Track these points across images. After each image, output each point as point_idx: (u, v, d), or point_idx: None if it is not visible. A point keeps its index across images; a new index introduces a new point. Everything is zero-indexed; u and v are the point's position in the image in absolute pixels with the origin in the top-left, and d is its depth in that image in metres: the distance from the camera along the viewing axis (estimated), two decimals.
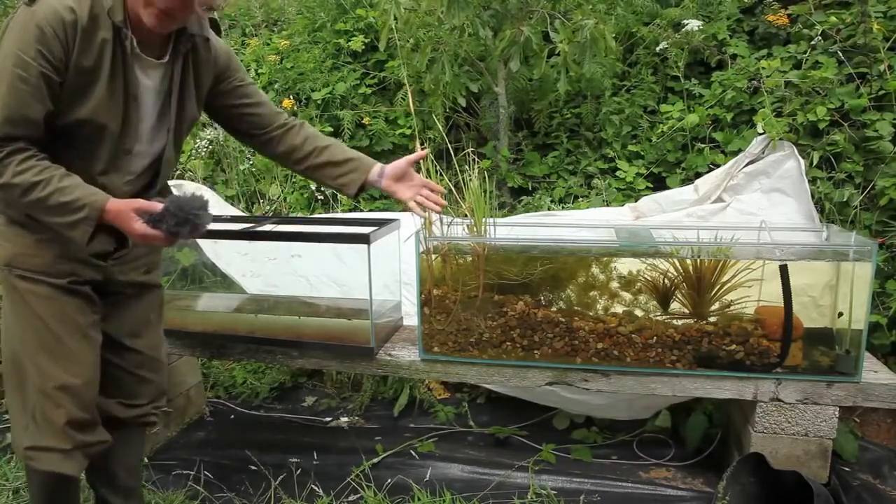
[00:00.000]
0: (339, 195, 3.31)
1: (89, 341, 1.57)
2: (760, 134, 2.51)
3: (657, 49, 3.20)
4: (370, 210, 3.32)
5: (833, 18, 2.79)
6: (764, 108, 2.62)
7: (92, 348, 1.57)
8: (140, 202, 1.43)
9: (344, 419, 2.64)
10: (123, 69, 1.43)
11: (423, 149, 1.90)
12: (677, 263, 1.88)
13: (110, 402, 1.69)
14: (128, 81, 1.44)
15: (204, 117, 1.81)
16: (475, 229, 2.00)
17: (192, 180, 3.29)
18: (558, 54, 2.86)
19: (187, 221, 1.41)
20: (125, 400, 1.72)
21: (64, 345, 1.52)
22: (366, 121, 3.50)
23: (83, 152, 1.46)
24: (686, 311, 1.92)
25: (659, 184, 3.05)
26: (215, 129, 3.52)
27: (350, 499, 2.11)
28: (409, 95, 2.33)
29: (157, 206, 1.42)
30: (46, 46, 1.31)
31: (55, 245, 1.50)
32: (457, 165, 2.06)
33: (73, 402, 1.53)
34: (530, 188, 3.25)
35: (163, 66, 1.52)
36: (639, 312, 1.95)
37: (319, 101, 3.58)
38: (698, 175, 2.79)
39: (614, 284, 1.96)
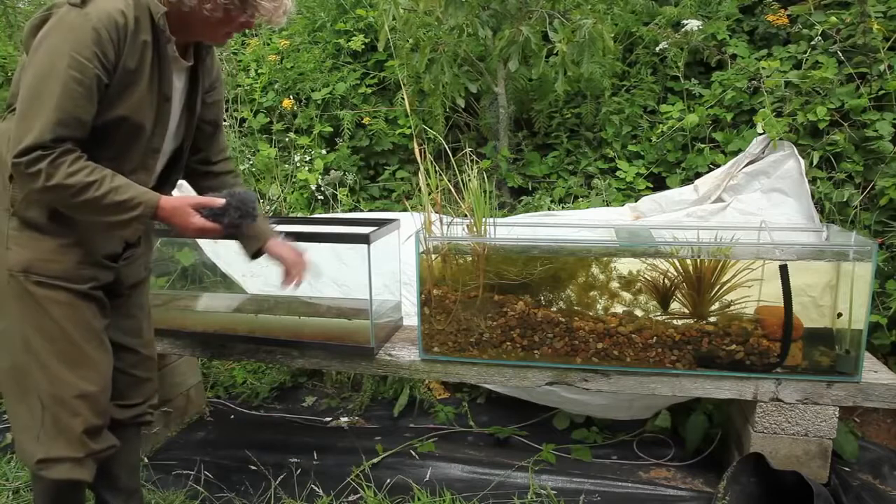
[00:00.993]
0: (338, 195, 3.31)
1: (105, 347, 1.57)
2: (760, 134, 2.51)
3: (657, 49, 3.20)
4: (370, 210, 3.32)
5: (833, 18, 2.78)
6: (764, 108, 2.61)
7: (108, 354, 1.58)
8: (198, 198, 1.53)
9: (344, 419, 2.64)
10: (159, 70, 1.47)
11: (420, 149, 1.91)
12: (677, 263, 1.88)
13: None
14: (163, 82, 1.49)
15: None
16: (475, 229, 2.00)
17: None
18: (557, 54, 2.86)
19: (248, 214, 1.54)
20: (120, 401, 1.71)
21: (82, 352, 1.51)
22: (366, 121, 3.51)
23: (117, 152, 1.47)
24: (686, 311, 1.92)
25: (659, 184, 3.05)
26: None
27: (350, 499, 2.11)
28: (406, 97, 2.34)
29: (217, 201, 1.52)
30: (101, 49, 1.34)
31: (77, 250, 1.50)
32: (456, 166, 2.06)
33: (90, 410, 1.52)
34: (530, 188, 3.25)
35: (187, 70, 1.59)
36: (639, 312, 1.95)
37: (319, 101, 3.58)
38: (698, 175, 2.79)
39: (614, 284, 1.96)
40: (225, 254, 2.59)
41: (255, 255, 1.76)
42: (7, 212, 1.48)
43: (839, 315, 1.86)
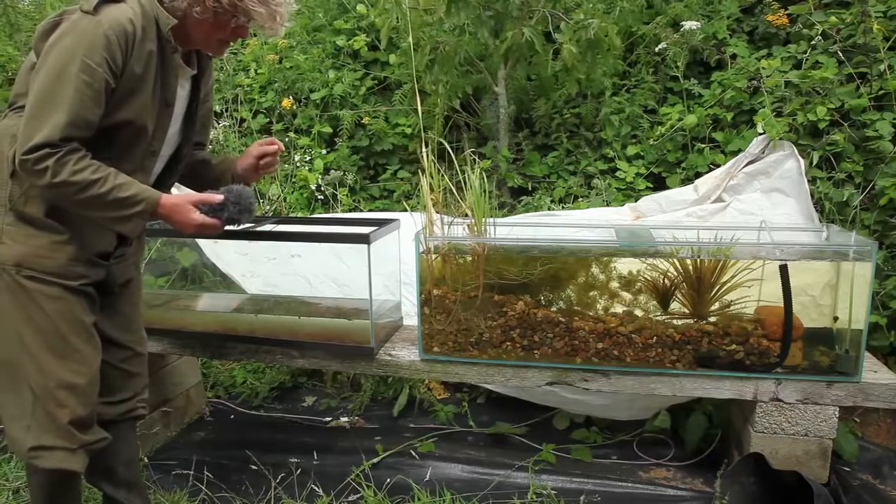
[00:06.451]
0: (338, 195, 3.31)
1: (94, 341, 1.61)
2: (760, 134, 2.51)
3: (657, 49, 3.20)
4: (370, 210, 3.32)
5: (833, 18, 2.78)
6: (764, 108, 2.62)
7: (97, 348, 1.61)
8: (197, 195, 1.61)
9: (344, 419, 2.64)
10: (163, 77, 1.54)
11: (424, 150, 1.92)
12: (677, 263, 1.88)
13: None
14: (165, 89, 1.56)
15: None
16: (475, 229, 2.00)
17: None
18: (559, 54, 2.86)
19: (247, 209, 1.61)
20: (111, 398, 1.74)
21: (71, 345, 1.54)
22: (365, 120, 3.50)
23: (118, 153, 1.52)
24: (686, 311, 1.92)
25: (659, 184, 3.04)
26: (216, 128, 3.52)
27: (350, 499, 2.11)
28: (416, 94, 2.34)
29: (215, 197, 1.59)
30: (111, 55, 1.40)
31: (70, 247, 1.54)
32: (457, 165, 2.06)
33: (77, 401, 1.55)
34: (530, 188, 3.25)
35: (191, 78, 1.67)
36: (639, 312, 1.95)
37: (319, 101, 3.58)
38: (698, 175, 2.78)
39: (614, 284, 1.96)
40: (225, 254, 2.59)
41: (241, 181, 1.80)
42: (3, 207, 1.52)
43: (836, 318, 1.87)
